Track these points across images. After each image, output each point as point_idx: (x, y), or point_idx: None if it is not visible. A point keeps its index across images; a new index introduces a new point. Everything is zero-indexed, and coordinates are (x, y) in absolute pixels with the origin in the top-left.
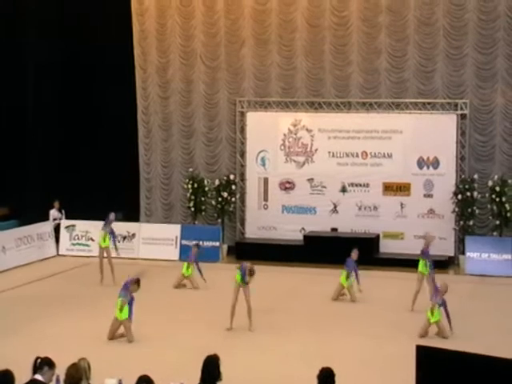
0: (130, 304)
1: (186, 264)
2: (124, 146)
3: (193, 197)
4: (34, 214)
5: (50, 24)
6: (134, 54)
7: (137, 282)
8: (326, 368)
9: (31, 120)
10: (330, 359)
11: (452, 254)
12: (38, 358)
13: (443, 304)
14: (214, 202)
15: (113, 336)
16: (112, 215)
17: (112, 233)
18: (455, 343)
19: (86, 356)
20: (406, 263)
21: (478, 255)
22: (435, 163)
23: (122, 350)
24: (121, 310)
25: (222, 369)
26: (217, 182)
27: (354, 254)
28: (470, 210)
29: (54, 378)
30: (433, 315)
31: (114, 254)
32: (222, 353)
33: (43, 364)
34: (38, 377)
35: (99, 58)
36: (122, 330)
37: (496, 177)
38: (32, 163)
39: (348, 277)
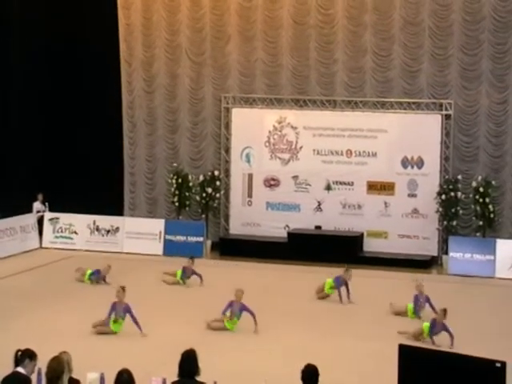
0: (130, 314)
1: (180, 272)
2: (109, 139)
3: (177, 192)
4: (17, 206)
5: (36, 17)
6: (120, 48)
7: (121, 289)
8: (311, 365)
9: (15, 112)
10: (313, 357)
11: (435, 254)
12: (18, 350)
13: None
14: (198, 198)
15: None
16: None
17: None
18: (439, 342)
19: (68, 349)
20: (390, 262)
21: (461, 255)
22: (419, 163)
23: (104, 344)
24: (115, 321)
25: (202, 364)
26: (201, 178)
27: (348, 276)
28: (453, 210)
29: (36, 371)
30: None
31: None
32: (203, 349)
33: (24, 356)
34: (20, 369)
35: (85, 52)
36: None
37: (480, 178)
38: (15, 155)
39: (333, 287)
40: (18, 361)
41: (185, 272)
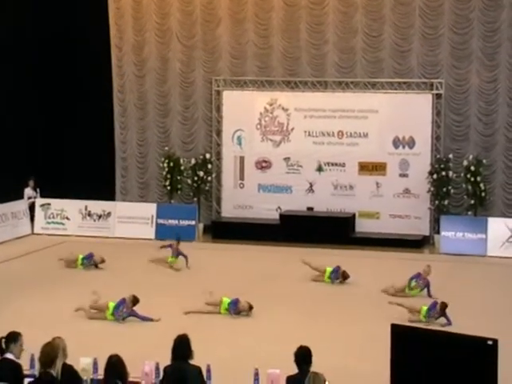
0: (135, 315)
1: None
2: (100, 124)
3: (169, 176)
4: (8, 192)
5: (26, 2)
6: (110, 33)
7: (134, 300)
8: (304, 346)
9: (4, 99)
10: (307, 339)
11: (427, 234)
12: (1, 338)
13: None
14: (189, 181)
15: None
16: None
17: None
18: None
19: (61, 335)
20: (382, 242)
21: (452, 234)
22: (411, 143)
23: (97, 330)
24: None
25: (196, 348)
26: (193, 161)
27: (346, 274)
28: (445, 189)
29: (29, 357)
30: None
31: None
32: (196, 333)
33: (9, 342)
34: (9, 355)
35: (75, 36)
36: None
37: (471, 156)
38: (6, 141)
39: (331, 278)
40: (3, 349)
41: (172, 251)
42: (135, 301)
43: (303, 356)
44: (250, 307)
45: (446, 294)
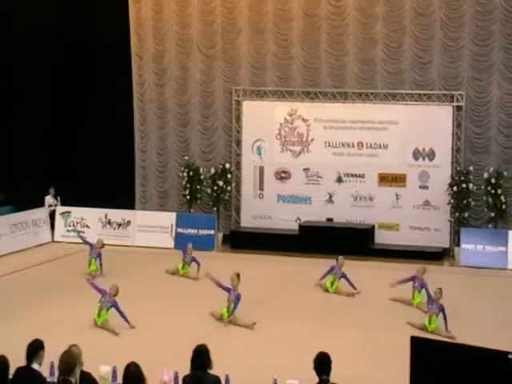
0: (116, 308)
1: (181, 264)
2: (120, 133)
3: (188, 185)
4: (29, 200)
5: (46, 11)
6: (131, 42)
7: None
8: (323, 352)
9: (25, 106)
10: (323, 349)
11: (447, 246)
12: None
13: (441, 310)
14: (209, 191)
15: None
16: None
17: None
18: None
19: (79, 343)
20: (401, 254)
21: (472, 247)
22: (431, 155)
23: (115, 338)
24: (98, 315)
25: (213, 358)
26: (212, 171)
27: (341, 261)
28: (465, 201)
29: (49, 365)
30: (430, 324)
31: None
32: (214, 342)
33: (34, 351)
34: (35, 366)
35: (95, 46)
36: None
37: (491, 169)
38: (27, 149)
39: (333, 282)
40: (31, 354)
41: (184, 256)
42: (117, 292)
43: (323, 363)
44: (238, 275)
45: (466, 306)
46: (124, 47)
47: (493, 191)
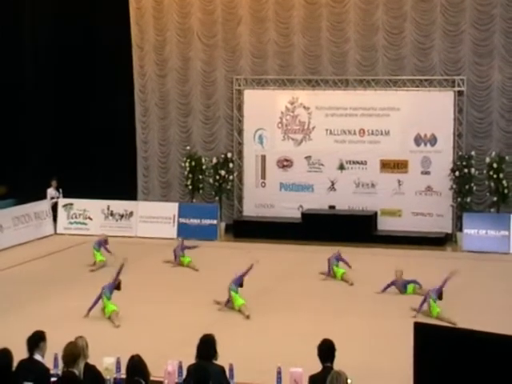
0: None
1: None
2: (122, 124)
3: (190, 175)
4: (31, 192)
5: (47, 1)
6: (131, 32)
7: (118, 285)
8: (327, 340)
9: (27, 98)
10: (328, 337)
11: (449, 231)
12: (30, 337)
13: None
14: (211, 180)
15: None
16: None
17: None
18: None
19: (84, 334)
20: (404, 240)
21: (475, 232)
22: (432, 140)
23: (119, 329)
24: (106, 303)
25: (218, 348)
26: (214, 160)
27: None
28: (467, 186)
29: (53, 357)
30: (432, 311)
31: None
32: (218, 332)
33: (36, 342)
34: (37, 357)
35: (96, 37)
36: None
37: (493, 153)
38: (29, 142)
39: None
40: (33, 346)
41: (176, 251)
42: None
43: (327, 350)
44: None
45: (469, 291)
46: (125, 38)
47: (495, 176)
